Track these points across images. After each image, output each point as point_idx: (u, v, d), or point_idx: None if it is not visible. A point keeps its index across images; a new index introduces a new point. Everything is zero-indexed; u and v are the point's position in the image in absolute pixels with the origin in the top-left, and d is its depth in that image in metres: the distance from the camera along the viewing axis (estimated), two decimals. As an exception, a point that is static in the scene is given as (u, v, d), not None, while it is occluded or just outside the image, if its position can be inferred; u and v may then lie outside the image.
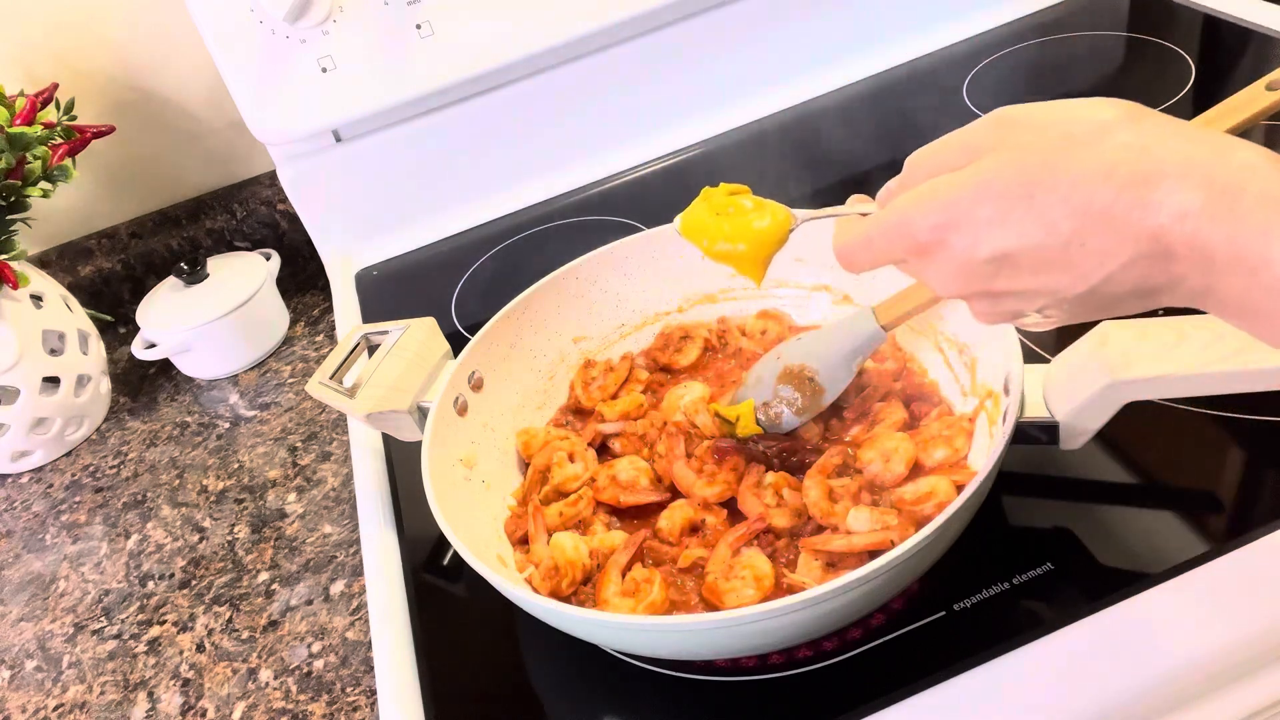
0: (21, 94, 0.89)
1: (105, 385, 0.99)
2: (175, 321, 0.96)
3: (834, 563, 0.56)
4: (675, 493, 0.64)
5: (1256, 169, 0.34)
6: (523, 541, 0.63)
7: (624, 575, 0.58)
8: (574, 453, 0.67)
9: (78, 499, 0.89)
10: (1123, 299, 0.39)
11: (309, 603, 0.71)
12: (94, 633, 0.74)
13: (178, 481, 0.88)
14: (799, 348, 0.66)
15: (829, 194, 0.94)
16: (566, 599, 0.59)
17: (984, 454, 0.59)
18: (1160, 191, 0.35)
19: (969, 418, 0.61)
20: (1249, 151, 0.35)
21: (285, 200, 1.10)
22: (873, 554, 0.52)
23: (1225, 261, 0.34)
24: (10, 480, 0.94)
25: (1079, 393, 0.51)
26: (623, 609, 0.56)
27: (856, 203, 0.50)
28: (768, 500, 0.60)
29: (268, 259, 1.04)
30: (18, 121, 0.86)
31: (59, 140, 0.90)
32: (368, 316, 0.97)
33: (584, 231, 1.00)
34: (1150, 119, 0.37)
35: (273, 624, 0.70)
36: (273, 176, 1.09)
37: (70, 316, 0.94)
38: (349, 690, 0.64)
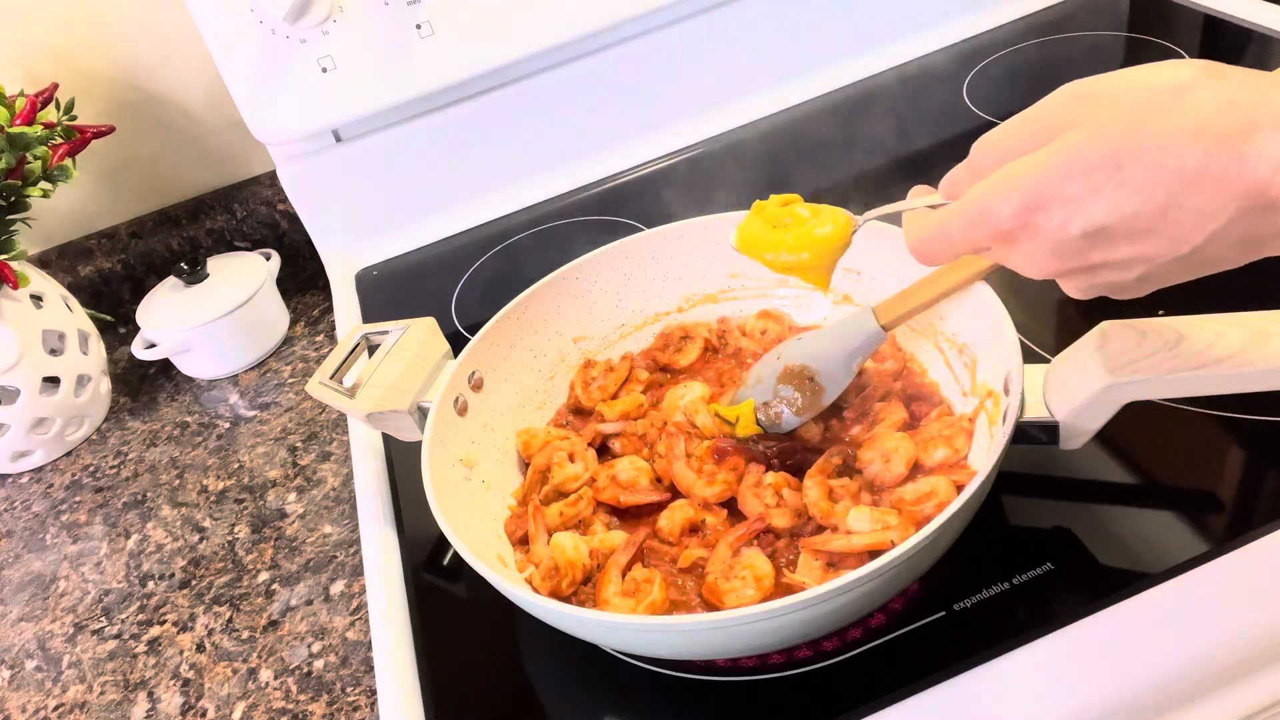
0: (21, 94, 0.89)
1: (105, 385, 0.99)
2: (175, 321, 0.96)
3: (834, 563, 0.56)
4: (675, 493, 0.64)
5: None
6: (523, 541, 0.63)
7: (624, 575, 0.58)
8: (574, 453, 0.67)
9: (78, 499, 0.89)
10: (1224, 254, 0.38)
11: (309, 603, 0.71)
12: (94, 633, 0.74)
13: (178, 481, 0.88)
14: (799, 348, 0.66)
15: (830, 194, 0.94)
16: (566, 599, 0.59)
17: (984, 454, 0.59)
18: (1255, 144, 0.34)
19: (969, 418, 0.61)
20: None
21: (285, 200, 1.10)
22: (873, 554, 0.52)
23: None
24: (10, 480, 0.94)
25: (1079, 393, 0.51)
26: (623, 609, 0.56)
27: (919, 194, 0.49)
28: (768, 500, 0.60)
29: (268, 259, 1.04)
30: (18, 121, 0.86)
31: (59, 140, 0.90)
32: (368, 316, 0.97)
33: (584, 231, 1.00)
34: (1229, 73, 0.37)
35: (273, 624, 0.70)
36: (273, 176, 1.09)
37: (70, 316, 0.94)
38: (349, 690, 0.64)
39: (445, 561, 0.67)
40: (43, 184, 0.88)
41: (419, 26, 0.93)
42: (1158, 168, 0.36)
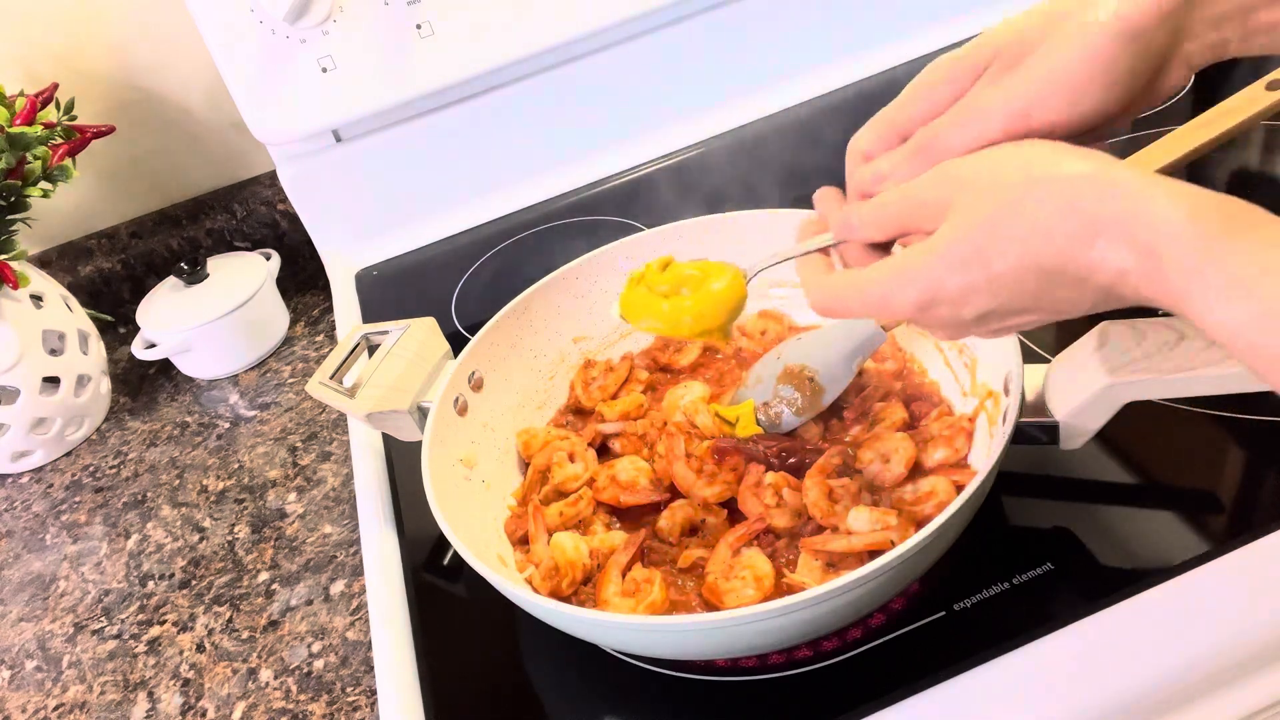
0: (21, 94, 0.89)
1: (105, 385, 0.99)
2: (175, 321, 0.96)
3: (834, 563, 0.56)
4: (675, 493, 0.64)
5: (1167, 228, 0.34)
6: (523, 541, 0.63)
7: (624, 575, 0.58)
8: (574, 453, 0.67)
9: (78, 499, 0.89)
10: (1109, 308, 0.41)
11: (309, 603, 0.71)
12: (94, 633, 0.74)
13: (178, 481, 0.88)
14: (799, 348, 0.66)
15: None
16: (566, 599, 0.59)
17: (984, 454, 0.59)
18: (1096, 252, 0.36)
19: (969, 418, 0.61)
20: (1164, 204, 0.35)
21: (285, 200, 1.10)
22: (873, 554, 0.52)
23: (1172, 308, 0.36)
24: (10, 480, 0.94)
25: (1079, 393, 0.51)
26: (623, 609, 0.56)
27: (808, 230, 0.50)
28: (768, 500, 0.60)
29: (268, 259, 1.04)
30: (18, 121, 0.86)
31: (59, 140, 0.90)
32: (368, 316, 0.97)
33: (584, 231, 1.00)
34: (1071, 161, 0.38)
35: (273, 624, 0.70)
36: (273, 176, 1.09)
37: (70, 316, 0.94)
38: (349, 690, 0.64)
39: (445, 561, 0.67)
40: (43, 184, 0.88)
41: (419, 26, 0.93)
42: (1020, 266, 0.39)
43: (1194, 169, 0.81)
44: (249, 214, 1.11)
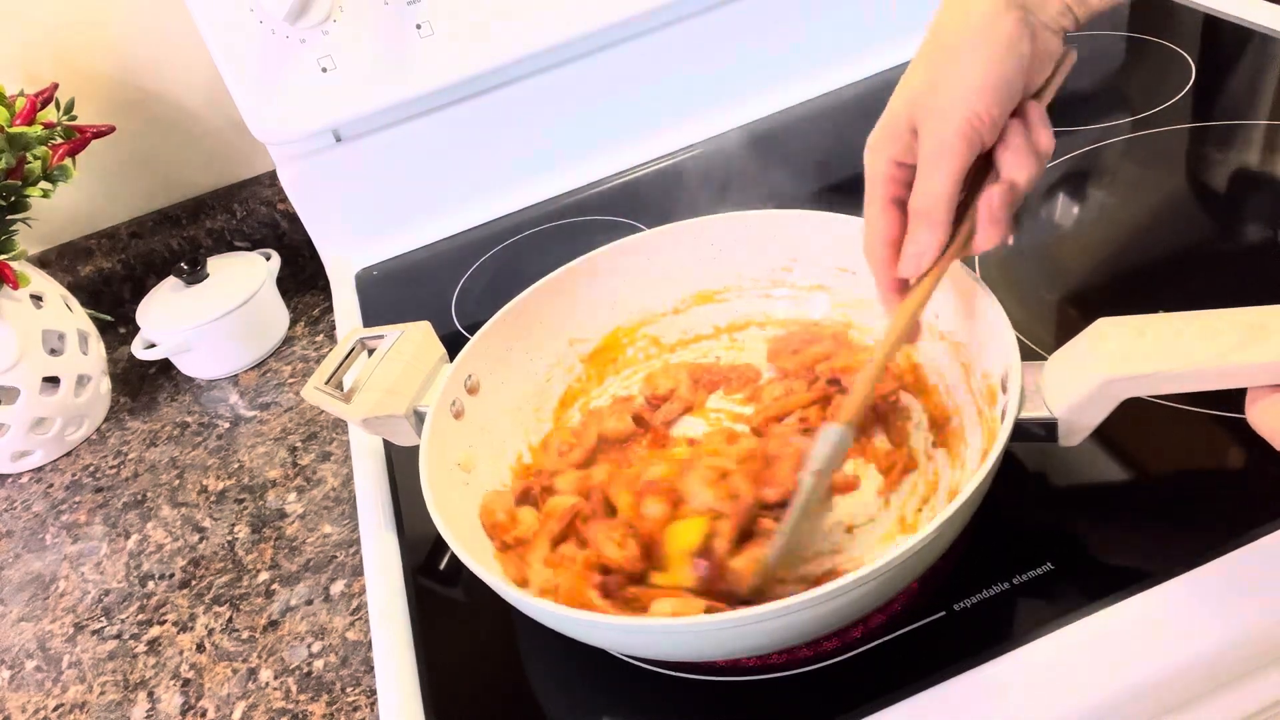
0: (21, 94, 0.89)
1: (105, 385, 0.99)
2: (175, 321, 0.96)
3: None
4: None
5: None
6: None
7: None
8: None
9: (78, 499, 0.89)
10: None
11: (309, 603, 0.71)
12: (94, 633, 0.74)
13: (178, 481, 0.88)
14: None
15: (830, 194, 0.94)
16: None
17: (983, 453, 0.58)
18: None
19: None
20: None
21: (285, 200, 1.10)
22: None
23: None
24: (10, 480, 0.94)
25: (1077, 389, 0.51)
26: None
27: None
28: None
29: (268, 259, 1.04)
30: (18, 121, 0.86)
31: (59, 140, 0.90)
32: (368, 317, 0.97)
33: (584, 231, 1.00)
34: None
35: (273, 624, 0.70)
36: (273, 176, 1.09)
37: (70, 316, 0.94)
38: (349, 690, 0.64)
39: (445, 562, 0.67)
40: (43, 184, 0.88)
41: (419, 26, 0.93)
42: None
43: (1194, 165, 0.81)
44: (249, 214, 1.11)
